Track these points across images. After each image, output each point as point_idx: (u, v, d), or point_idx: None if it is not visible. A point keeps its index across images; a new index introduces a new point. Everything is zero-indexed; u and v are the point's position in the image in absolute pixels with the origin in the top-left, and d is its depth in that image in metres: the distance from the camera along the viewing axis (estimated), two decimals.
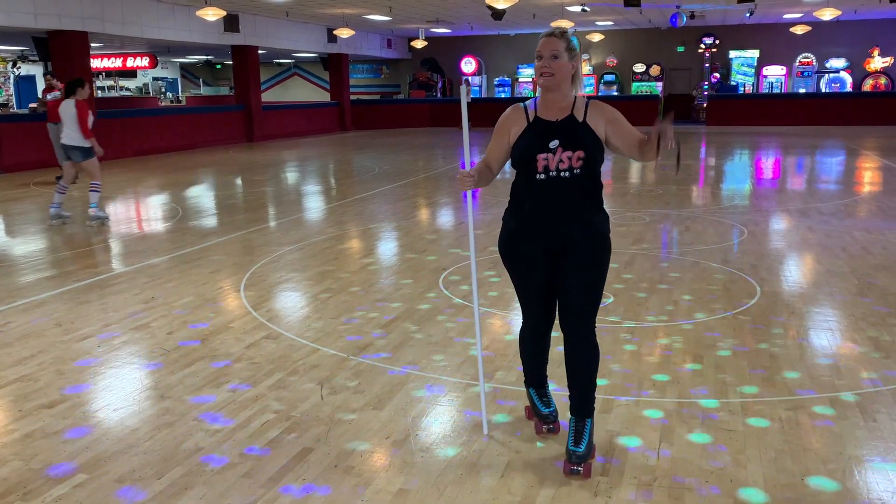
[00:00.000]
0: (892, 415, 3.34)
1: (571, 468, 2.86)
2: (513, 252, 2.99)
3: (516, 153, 2.91)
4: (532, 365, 3.22)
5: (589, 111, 2.90)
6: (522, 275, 3.01)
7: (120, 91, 31.66)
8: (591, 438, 2.92)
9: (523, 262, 2.97)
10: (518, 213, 2.94)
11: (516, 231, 2.96)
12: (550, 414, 3.18)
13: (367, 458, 3.03)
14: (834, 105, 23.48)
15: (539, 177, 2.84)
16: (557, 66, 2.83)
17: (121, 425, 3.36)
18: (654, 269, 6.00)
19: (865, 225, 7.72)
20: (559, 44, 2.84)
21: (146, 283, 5.85)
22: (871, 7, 19.93)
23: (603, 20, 23.05)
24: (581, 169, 2.82)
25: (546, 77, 2.84)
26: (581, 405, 2.96)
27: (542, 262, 2.93)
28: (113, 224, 8.60)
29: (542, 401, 3.22)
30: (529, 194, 2.88)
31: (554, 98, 2.89)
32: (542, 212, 2.87)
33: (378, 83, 31.76)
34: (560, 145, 2.82)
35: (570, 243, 2.87)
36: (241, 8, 18.46)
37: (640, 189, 10.72)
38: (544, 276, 2.95)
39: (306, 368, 4.01)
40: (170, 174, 13.59)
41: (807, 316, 4.82)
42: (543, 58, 2.85)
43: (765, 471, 2.88)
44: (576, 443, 2.89)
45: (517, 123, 2.93)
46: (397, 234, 7.89)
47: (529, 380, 3.26)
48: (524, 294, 3.05)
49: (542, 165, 2.83)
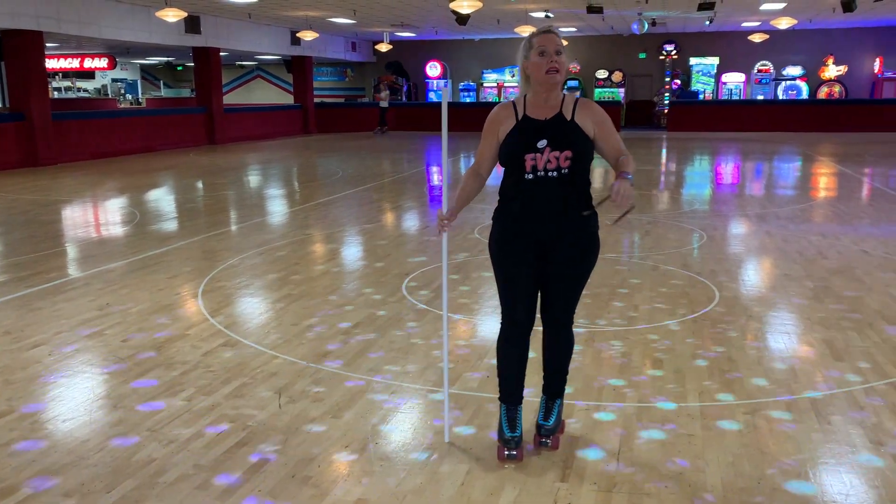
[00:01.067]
0: (846, 417, 3.39)
1: (541, 440, 3.07)
2: (502, 250, 2.97)
3: (504, 151, 2.90)
4: (507, 377, 3.07)
5: (578, 109, 2.88)
6: (510, 272, 2.97)
7: (77, 92, 31.03)
8: (559, 414, 3.14)
9: (512, 260, 2.96)
10: (508, 213, 2.94)
11: (507, 230, 2.95)
12: (513, 439, 2.99)
13: (325, 467, 2.98)
14: (791, 112, 23.98)
15: (527, 176, 2.84)
16: (562, 62, 2.82)
17: (70, 437, 3.26)
18: (615, 274, 6.04)
19: (821, 230, 7.88)
20: (559, 40, 2.83)
21: (101, 289, 5.72)
22: (826, 17, 20.41)
23: (566, 26, 23.24)
24: (569, 169, 2.83)
25: (553, 73, 2.80)
26: (552, 388, 3.15)
27: (530, 260, 2.93)
28: (69, 228, 8.39)
29: (510, 423, 3.02)
30: (518, 194, 2.88)
31: (547, 96, 2.86)
32: (530, 211, 2.87)
33: (342, 86, 31.60)
34: (548, 145, 2.81)
35: (559, 242, 2.90)
36: (203, 9, 18.22)
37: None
38: (531, 275, 2.95)
39: (264, 376, 3.94)
40: (128, 177, 13.34)
41: (764, 320, 4.89)
42: (548, 53, 2.80)
43: (723, 475, 2.90)
44: (545, 417, 3.09)
45: (506, 121, 2.91)
46: (361, 238, 7.83)
47: (503, 395, 3.09)
48: (509, 292, 3.00)
49: (529, 165, 2.83)
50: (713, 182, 12.72)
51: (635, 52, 26.57)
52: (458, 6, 14.88)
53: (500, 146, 2.92)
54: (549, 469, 2.95)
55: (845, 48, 25.02)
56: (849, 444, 3.14)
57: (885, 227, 8.00)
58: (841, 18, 20.47)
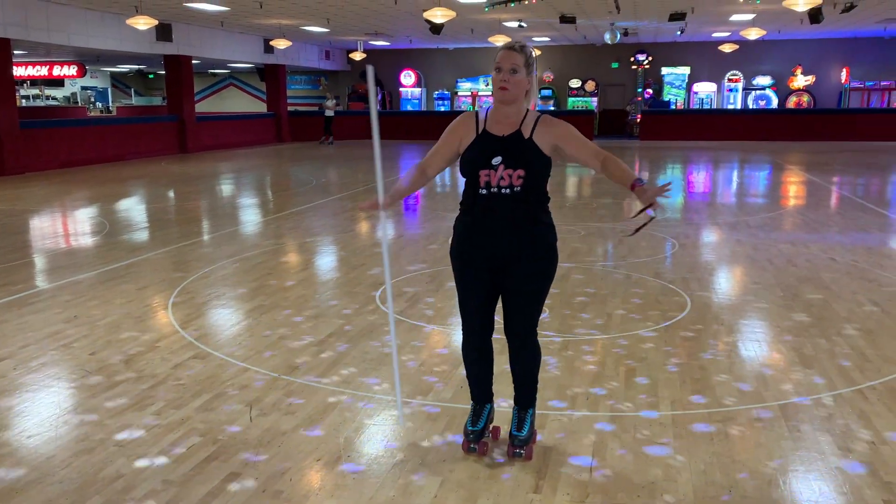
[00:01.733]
0: (815, 424, 3.43)
1: (514, 451, 3.09)
2: (460, 259, 3.03)
3: (462, 164, 2.95)
4: (473, 380, 3.19)
5: (537, 127, 2.90)
6: (467, 281, 3.02)
7: (46, 100, 30.57)
8: (532, 425, 3.13)
9: (469, 269, 3.00)
10: (465, 223, 2.99)
11: (463, 241, 3.00)
12: (472, 433, 3.12)
13: (297, 481, 2.95)
14: (760, 121, 24.34)
15: (481, 191, 2.89)
16: (515, 81, 2.84)
17: (35, 453, 3.19)
18: (589, 283, 6.07)
19: (790, 238, 7.99)
20: (518, 58, 2.84)
21: (69, 300, 5.62)
22: (794, 28, 20.78)
23: (539, 36, 23.41)
24: (521, 187, 2.86)
25: (504, 91, 2.84)
26: (523, 398, 3.16)
27: (486, 271, 2.97)
28: (37, 239, 8.26)
29: (473, 416, 3.17)
30: (474, 207, 2.93)
31: (506, 112, 2.90)
32: (484, 226, 2.92)
33: (316, 94, 31.50)
34: (502, 162, 2.85)
35: (516, 257, 2.92)
36: (175, 17, 18.08)
37: (575, 203, 10.86)
38: (488, 285, 2.99)
39: (235, 389, 3.89)
40: (98, 186, 13.16)
41: (735, 328, 4.93)
42: (502, 71, 2.83)
43: (695, 482, 2.91)
44: (518, 428, 3.10)
45: (468, 133, 2.96)
46: (335, 248, 7.79)
47: (472, 394, 3.23)
48: (467, 301, 3.05)
49: (483, 181, 2.88)
50: (685, 190, 12.86)
51: (608, 61, 26.82)
52: (432, 15, 14.92)
53: (459, 158, 2.98)
54: (523, 480, 2.94)
55: (813, 59, 25.49)
56: (818, 450, 3.18)
57: (853, 235, 8.13)
58: (808, 30, 20.85)
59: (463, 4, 15.74)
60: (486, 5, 15.54)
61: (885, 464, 3.06)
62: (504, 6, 15.35)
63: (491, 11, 16.66)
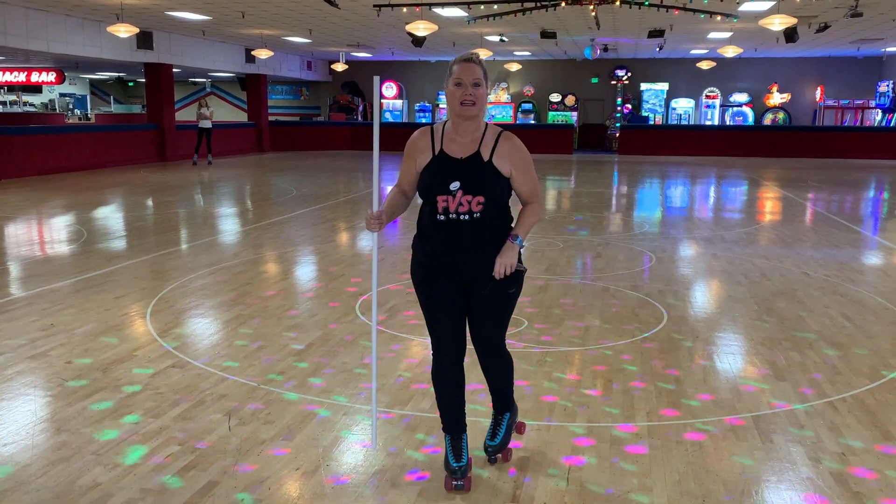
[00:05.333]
0: (787, 435, 3.50)
1: (489, 458, 3.14)
2: (422, 282, 2.93)
3: (419, 187, 2.84)
4: (447, 408, 3.02)
5: (498, 147, 2.78)
6: (432, 304, 2.92)
7: (23, 107, 30.27)
8: (507, 431, 3.14)
9: (433, 291, 2.90)
10: (423, 247, 2.89)
11: (421, 265, 2.91)
12: (459, 469, 2.93)
13: (275, 490, 2.95)
14: (737, 137, 24.69)
15: (439, 217, 2.78)
16: (479, 95, 2.72)
17: (11, 461, 3.17)
18: (566, 295, 6.13)
19: (765, 252, 8.12)
20: (479, 70, 2.73)
21: (45, 308, 5.58)
22: (770, 47, 21.16)
23: (520, 50, 23.61)
24: (481, 213, 2.75)
25: (467, 106, 2.71)
26: (498, 403, 3.15)
27: (452, 292, 2.89)
28: (12, 246, 8.17)
29: (454, 452, 2.97)
30: (431, 232, 2.83)
31: (465, 128, 2.78)
32: (444, 251, 2.82)
33: (297, 105, 31.48)
34: (461, 188, 2.73)
35: (478, 280, 2.84)
36: (156, 25, 18.02)
37: (554, 216, 10.95)
38: (455, 306, 2.90)
39: (214, 398, 3.89)
40: (76, 194, 13.05)
41: (710, 340, 5.01)
42: (464, 84, 2.71)
43: (669, 493, 2.96)
44: (492, 437, 3.13)
45: (423, 152, 2.83)
46: (314, 258, 7.79)
47: (445, 425, 3.04)
48: (434, 323, 2.94)
49: (441, 207, 2.76)
50: (663, 205, 13.01)
51: (588, 76, 27.11)
52: (414, 28, 15.01)
53: (417, 177, 2.86)
54: (501, 488, 2.97)
55: (789, 77, 25.95)
56: (789, 461, 3.24)
57: (825, 250, 8.28)
58: (784, 49, 21.25)
59: (445, 18, 15.86)
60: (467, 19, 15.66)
61: (854, 474, 3.13)
62: (486, 20, 15.48)
63: (472, 25, 16.80)
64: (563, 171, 18.61)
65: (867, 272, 7.31)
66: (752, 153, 23.90)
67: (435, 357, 3.00)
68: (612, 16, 15.95)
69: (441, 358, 2.98)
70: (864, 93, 25.33)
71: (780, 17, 13.60)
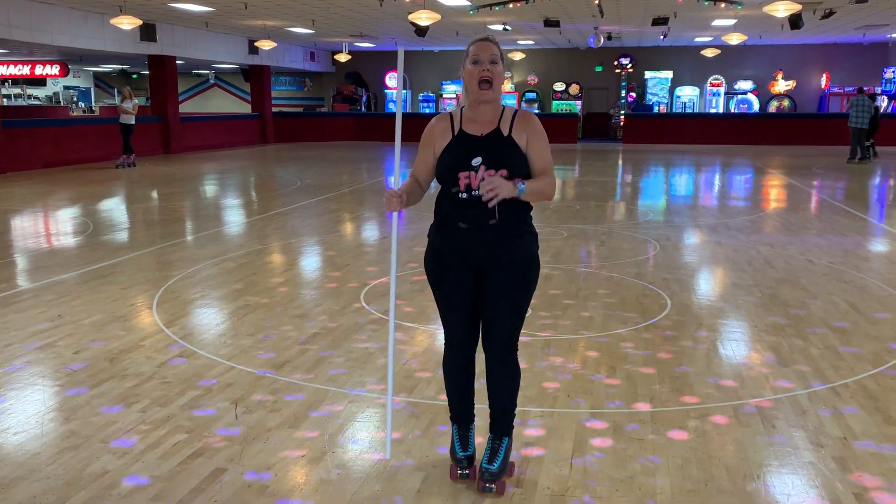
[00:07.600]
0: (789, 421, 3.52)
1: (484, 485, 2.84)
2: (437, 270, 2.87)
3: (440, 169, 2.79)
4: (456, 398, 3.00)
5: (516, 124, 2.76)
6: (446, 293, 2.87)
7: (28, 100, 30.32)
8: (506, 457, 2.90)
9: (448, 280, 2.85)
10: (442, 232, 2.83)
11: (441, 249, 2.84)
12: (465, 458, 2.92)
13: (281, 476, 2.99)
14: (742, 125, 24.60)
15: (461, 195, 2.72)
16: (496, 72, 2.70)
17: (21, 450, 3.21)
18: (571, 283, 6.14)
19: (769, 240, 8.11)
20: (496, 49, 2.71)
21: (52, 300, 5.62)
22: (775, 34, 21.04)
23: (524, 39, 23.53)
24: None
25: (486, 86, 2.68)
26: (498, 424, 2.93)
27: (467, 281, 2.82)
28: (19, 238, 8.22)
29: (461, 442, 2.97)
30: (453, 213, 2.76)
31: (484, 109, 2.76)
32: (465, 232, 2.75)
33: (301, 96, 31.47)
34: (483, 163, 2.69)
35: (496, 264, 2.78)
36: (159, 17, 18.01)
37: (558, 205, 10.95)
38: (469, 295, 2.83)
39: (220, 387, 3.92)
40: (81, 187, 13.09)
41: (714, 328, 5.02)
42: (482, 62, 2.68)
43: (672, 478, 2.98)
44: (490, 461, 2.86)
45: (442, 136, 2.81)
46: (319, 248, 7.82)
47: (453, 415, 3.03)
48: (448, 314, 2.90)
49: (464, 184, 2.71)
50: (667, 193, 12.99)
51: (592, 65, 27.01)
52: (417, 18, 14.98)
53: (436, 161, 2.82)
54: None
55: (794, 64, 25.82)
56: (791, 446, 3.26)
57: (830, 237, 8.27)
58: (789, 36, 21.12)
59: (448, 7, 15.82)
60: (470, 8, 15.62)
61: (856, 459, 3.15)
62: (489, 9, 15.43)
63: (476, 15, 16.76)
64: (567, 160, 18.58)
65: (872, 259, 7.30)
66: (757, 141, 23.81)
67: (447, 347, 2.97)
68: (616, 3, 15.89)
69: (453, 348, 2.95)
70: (869, 79, 25.18)
71: (784, 3, 13.53)
